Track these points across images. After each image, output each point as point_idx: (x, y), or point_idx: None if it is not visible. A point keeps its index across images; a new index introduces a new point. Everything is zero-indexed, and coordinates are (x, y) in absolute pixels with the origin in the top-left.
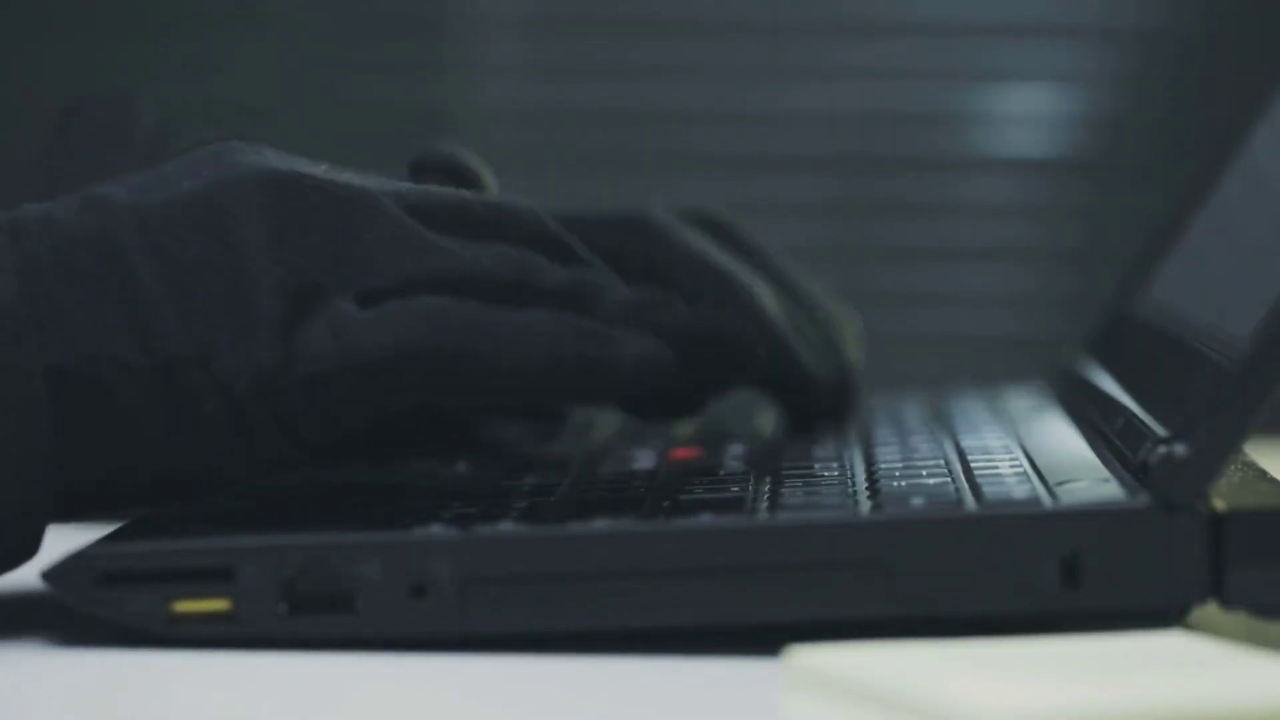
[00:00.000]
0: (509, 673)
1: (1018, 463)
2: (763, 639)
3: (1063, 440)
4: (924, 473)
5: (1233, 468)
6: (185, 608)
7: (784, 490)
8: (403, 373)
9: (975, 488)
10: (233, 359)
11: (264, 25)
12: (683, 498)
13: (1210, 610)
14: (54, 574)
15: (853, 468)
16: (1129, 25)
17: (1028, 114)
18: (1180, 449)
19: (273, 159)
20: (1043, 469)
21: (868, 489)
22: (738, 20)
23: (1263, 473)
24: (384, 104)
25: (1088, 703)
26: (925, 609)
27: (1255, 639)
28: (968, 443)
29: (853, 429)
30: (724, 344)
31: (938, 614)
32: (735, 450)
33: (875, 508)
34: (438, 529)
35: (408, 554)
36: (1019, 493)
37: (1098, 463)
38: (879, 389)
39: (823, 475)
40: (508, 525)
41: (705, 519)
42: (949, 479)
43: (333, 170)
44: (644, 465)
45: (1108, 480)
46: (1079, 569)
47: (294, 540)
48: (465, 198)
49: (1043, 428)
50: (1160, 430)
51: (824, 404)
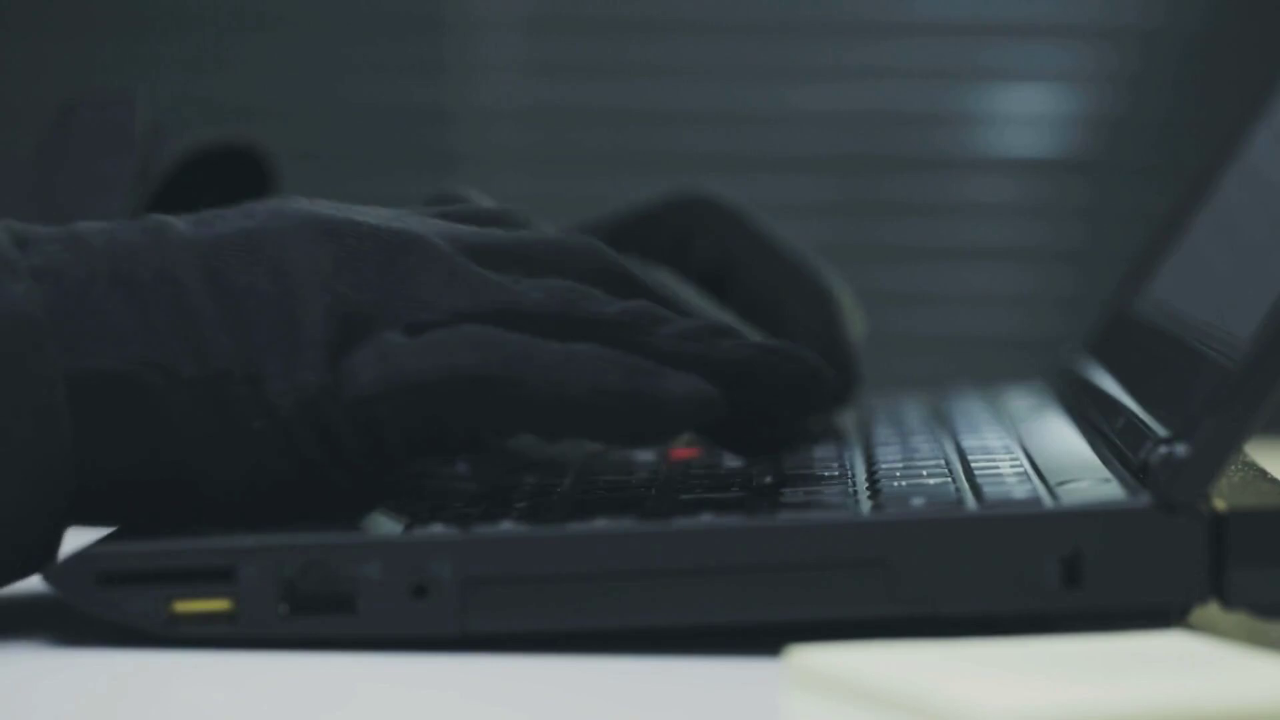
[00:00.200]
0: (509, 673)
1: (1018, 463)
2: (763, 639)
3: (1063, 440)
4: (924, 473)
5: (1233, 468)
6: (185, 608)
7: (784, 490)
8: (446, 398)
9: (975, 488)
10: (280, 379)
11: (264, 25)
12: (683, 498)
13: (1210, 610)
14: (54, 574)
15: (853, 468)
16: (1129, 25)
17: (1028, 114)
18: (1180, 449)
19: (327, 208)
20: (1043, 469)
21: (868, 489)
22: (738, 20)
23: (1263, 473)
24: (384, 104)
25: (1088, 703)
26: (925, 609)
27: (1255, 639)
28: (968, 443)
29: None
30: (784, 375)
31: (938, 614)
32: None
33: (875, 508)
34: (438, 529)
35: (408, 554)
36: (1019, 492)
37: (1098, 463)
38: (879, 389)
39: (823, 475)
40: (508, 525)
41: (705, 519)
42: (949, 479)
43: (387, 215)
44: (644, 465)
45: (1108, 480)
46: (1079, 569)
47: (294, 540)
48: (521, 236)
49: (1043, 428)
50: (1160, 430)
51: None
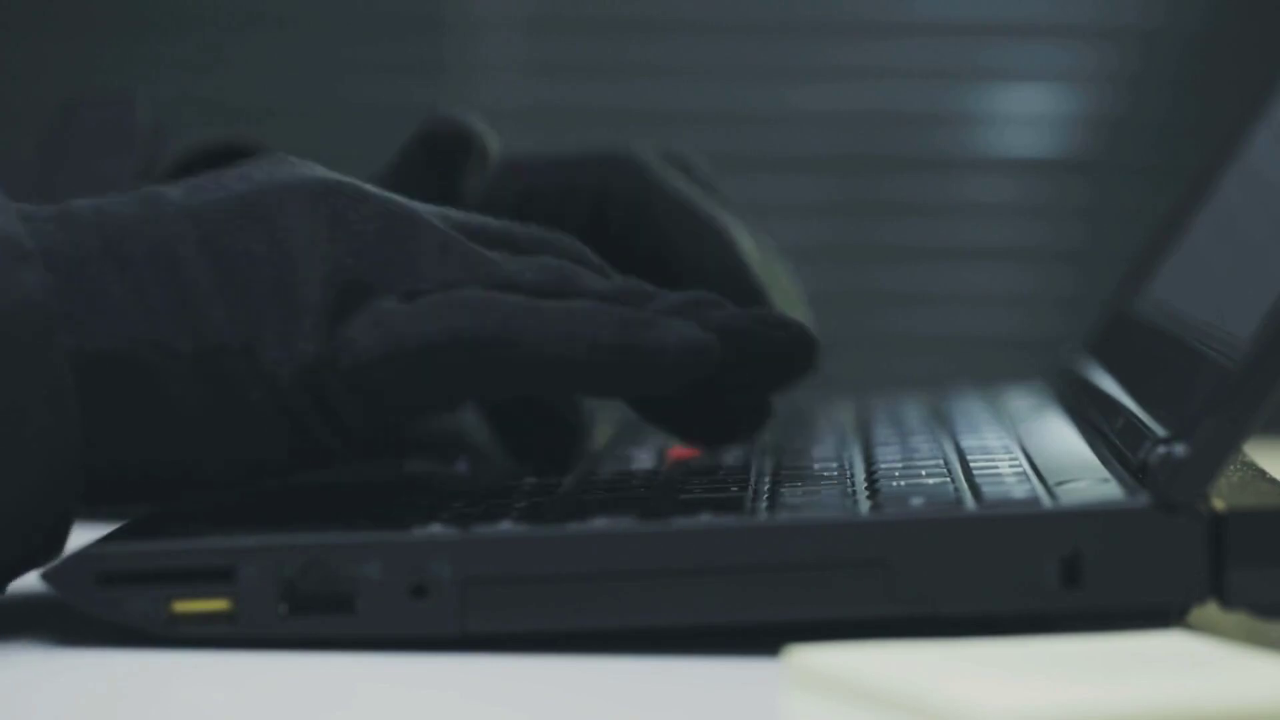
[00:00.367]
0: (509, 673)
1: (1018, 463)
2: (762, 639)
3: (1063, 440)
4: (924, 473)
5: (1233, 468)
6: (185, 608)
7: (784, 490)
8: (444, 361)
9: (975, 488)
10: (277, 350)
11: (264, 25)
12: (683, 498)
13: (1210, 610)
14: (54, 574)
15: (853, 468)
16: (1129, 25)
17: (1028, 114)
18: (1180, 449)
19: (322, 172)
20: (1043, 469)
21: (867, 489)
22: (738, 20)
23: (1263, 473)
24: (384, 104)
25: (1088, 703)
26: (925, 609)
27: (1255, 639)
28: (968, 443)
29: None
30: (773, 342)
31: (938, 614)
32: (735, 450)
33: (875, 508)
34: (438, 529)
35: (408, 554)
36: (1019, 493)
37: (1098, 463)
38: (879, 389)
39: (823, 475)
40: (508, 525)
41: (705, 519)
42: (949, 479)
43: (383, 190)
44: (644, 465)
45: (1108, 480)
46: (1079, 569)
47: (294, 540)
48: (507, 223)
49: (1043, 428)
50: (1160, 430)
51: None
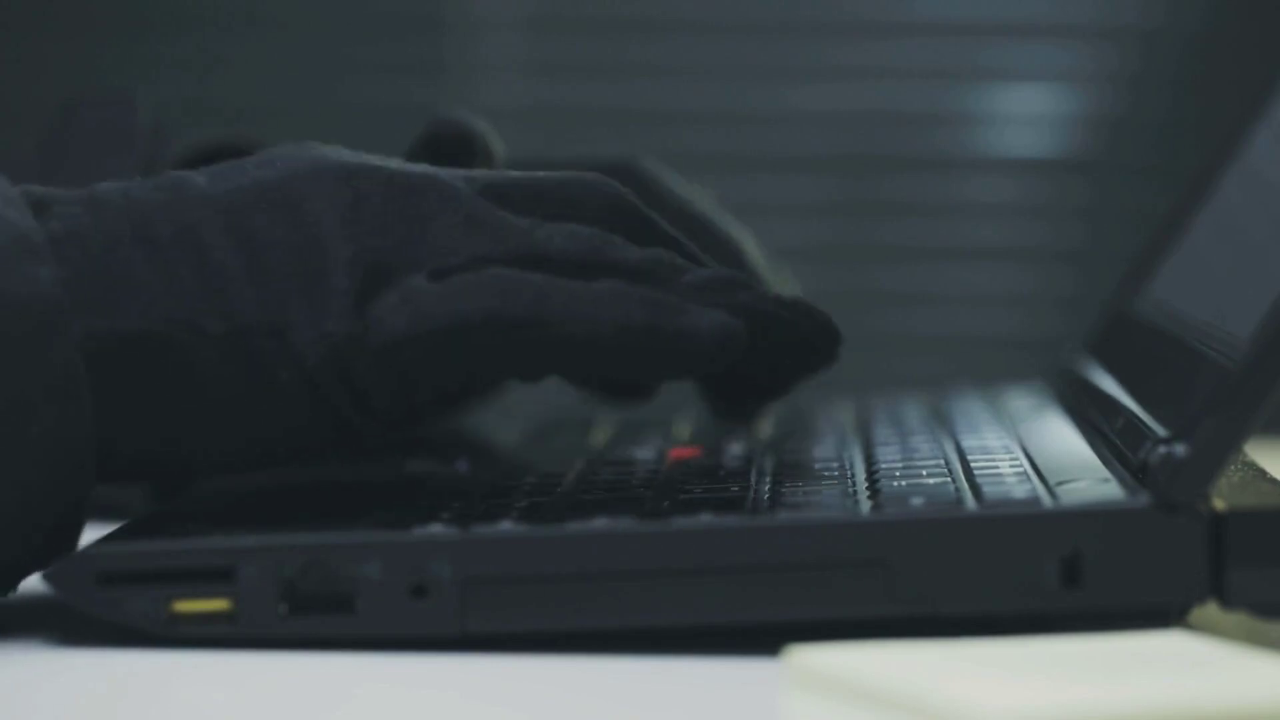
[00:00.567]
0: (509, 673)
1: (1018, 463)
2: (763, 639)
3: (1063, 440)
4: (924, 473)
5: (1233, 468)
6: (185, 608)
7: (784, 490)
8: (472, 341)
9: (975, 488)
10: (306, 330)
11: (264, 25)
12: (683, 498)
13: (1210, 610)
14: (54, 574)
15: (853, 468)
16: (1129, 25)
17: (1028, 114)
18: (1180, 449)
19: (345, 154)
20: (1043, 469)
21: (868, 489)
22: (738, 20)
23: (1263, 473)
24: (384, 104)
25: (1088, 703)
26: (925, 609)
27: (1255, 639)
28: (968, 443)
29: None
30: (799, 328)
31: (938, 614)
32: (735, 450)
33: (875, 508)
34: (438, 529)
35: (408, 554)
36: (1019, 493)
37: (1098, 463)
38: (879, 389)
39: (823, 475)
40: (508, 525)
41: (705, 519)
42: (949, 479)
43: (405, 164)
44: (644, 465)
45: (1108, 480)
46: (1079, 569)
47: (294, 540)
48: (539, 177)
49: (1043, 428)
50: (1160, 430)
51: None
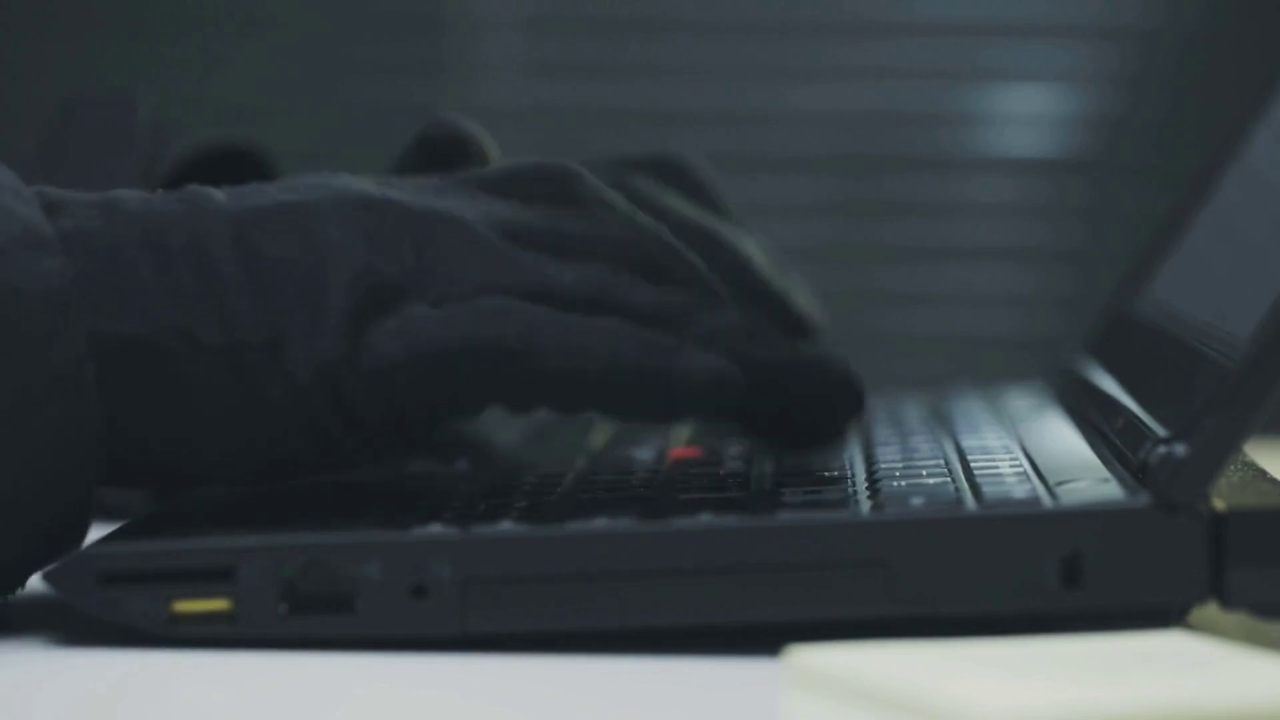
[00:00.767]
0: (509, 673)
1: (1018, 463)
2: (763, 639)
3: (1063, 440)
4: (924, 473)
5: (1233, 468)
6: (185, 608)
7: (784, 490)
8: (464, 367)
9: (975, 488)
10: (300, 348)
11: (264, 25)
12: (683, 498)
13: (1210, 610)
14: (54, 574)
15: (853, 468)
16: (1129, 25)
17: (1028, 114)
18: (1180, 449)
19: (368, 184)
20: (1043, 469)
21: (868, 489)
22: (738, 20)
23: (1263, 473)
24: (384, 104)
25: (1088, 703)
26: (925, 609)
27: (1255, 639)
28: (968, 443)
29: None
30: (814, 384)
31: (938, 614)
32: (735, 450)
33: (875, 508)
34: (438, 529)
35: (408, 554)
36: (1019, 493)
37: (1098, 463)
38: (879, 389)
39: (822, 475)
40: (508, 525)
41: (705, 519)
42: (949, 479)
43: (428, 188)
44: (644, 465)
45: (1108, 480)
46: (1079, 569)
47: (294, 540)
48: (561, 219)
49: (1043, 428)
50: (1160, 430)
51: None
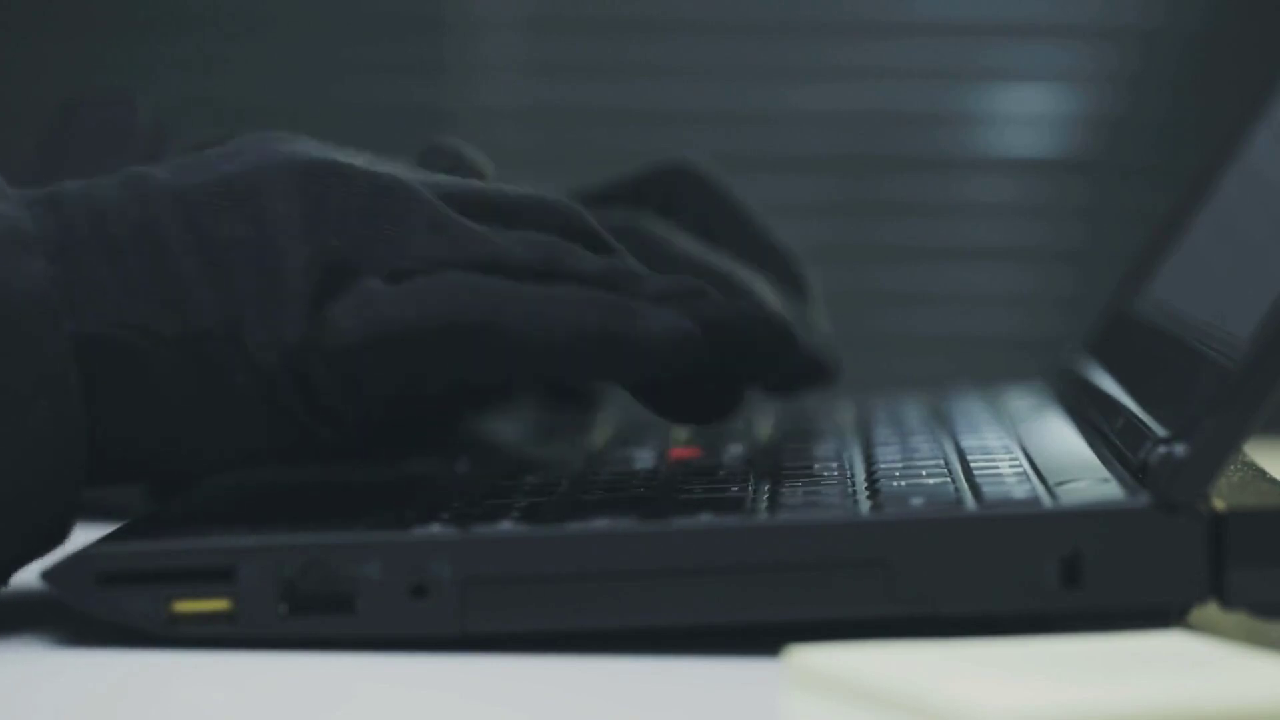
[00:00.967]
0: (509, 673)
1: (1018, 463)
2: (763, 639)
3: (1063, 440)
4: (924, 473)
5: (1233, 468)
6: (185, 608)
7: (784, 490)
8: (427, 345)
9: (975, 488)
10: (261, 333)
11: (264, 25)
12: (683, 498)
13: (1210, 610)
14: (54, 574)
15: (853, 468)
16: (1129, 25)
17: (1028, 114)
18: (1180, 449)
19: (311, 149)
20: (1043, 469)
21: (868, 489)
22: (738, 20)
23: (1263, 473)
24: (384, 104)
25: (1088, 703)
26: (925, 609)
27: (1255, 639)
28: (968, 443)
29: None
30: (756, 334)
31: (938, 614)
32: (735, 450)
33: (875, 508)
34: (438, 529)
35: (408, 554)
36: (1019, 493)
37: (1098, 463)
38: (879, 389)
39: (823, 475)
40: (508, 525)
41: (705, 519)
42: (949, 479)
43: (371, 161)
44: (644, 465)
45: (1108, 480)
46: (1079, 569)
47: (294, 540)
48: (502, 189)
49: (1043, 428)
50: (1160, 430)
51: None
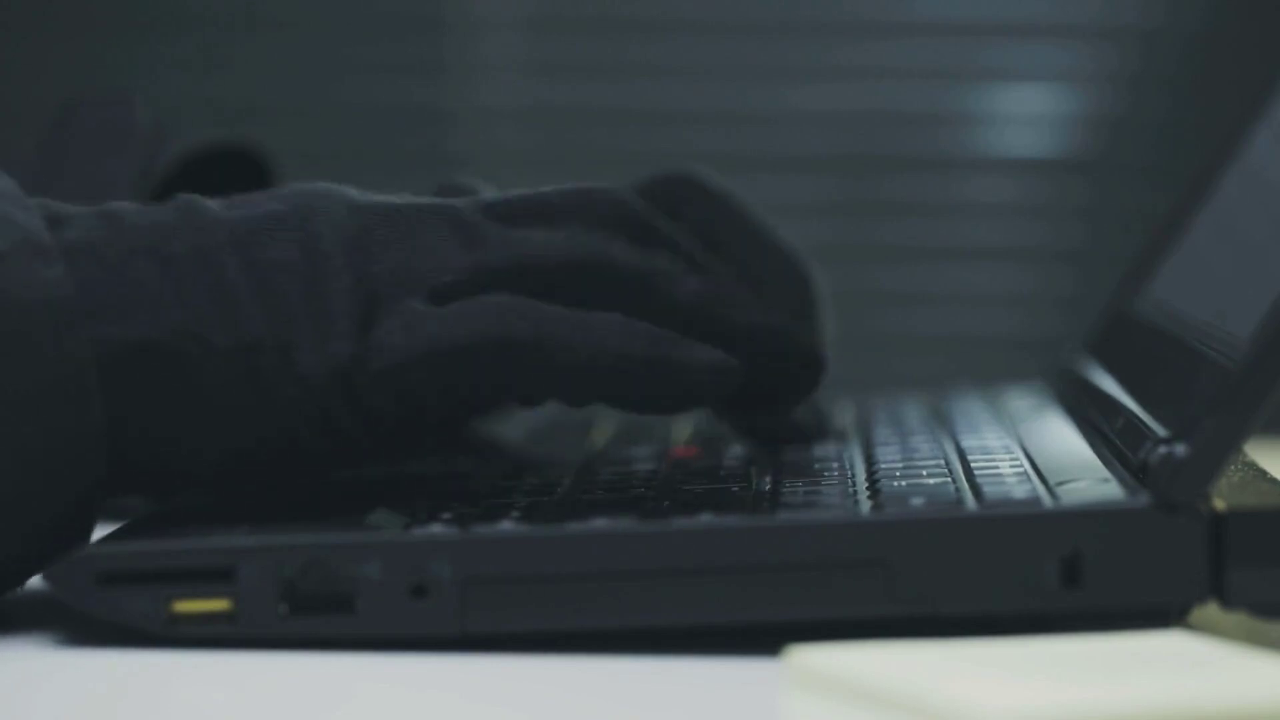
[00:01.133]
0: (509, 673)
1: (1018, 463)
2: (763, 639)
3: (1063, 440)
4: (924, 473)
5: (1233, 468)
6: (185, 608)
7: (784, 490)
8: (473, 364)
9: (975, 488)
10: (311, 350)
11: (264, 25)
12: (683, 498)
13: (1210, 610)
14: (54, 574)
15: (853, 468)
16: (1129, 25)
17: (1028, 114)
18: (1180, 449)
19: (353, 192)
20: (1043, 469)
21: (868, 489)
22: (738, 20)
23: (1263, 473)
24: (384, 104)
25: (1088, 703)
26: (925, 609)
27: (1255, 639)
28: (968, 443)
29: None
30: (793, 348)
31: (938, 614)
32: (735, 450)
33: (875, 508)
34: (438, 529)
35: (408, 554)
36: (1019, 493)
37: (1098, 463)
38: (879, 389)
39: (823, 475)
40: (508, 525)
41: (705, 519)
42: (949, 479)
43: (408, 199)
44: (644, 465)
45: (1108, 480)
46: (1079, 569)
47: (294, 540)
48: (540, 191)
49: (1043, 428)
50: (1160, 430)
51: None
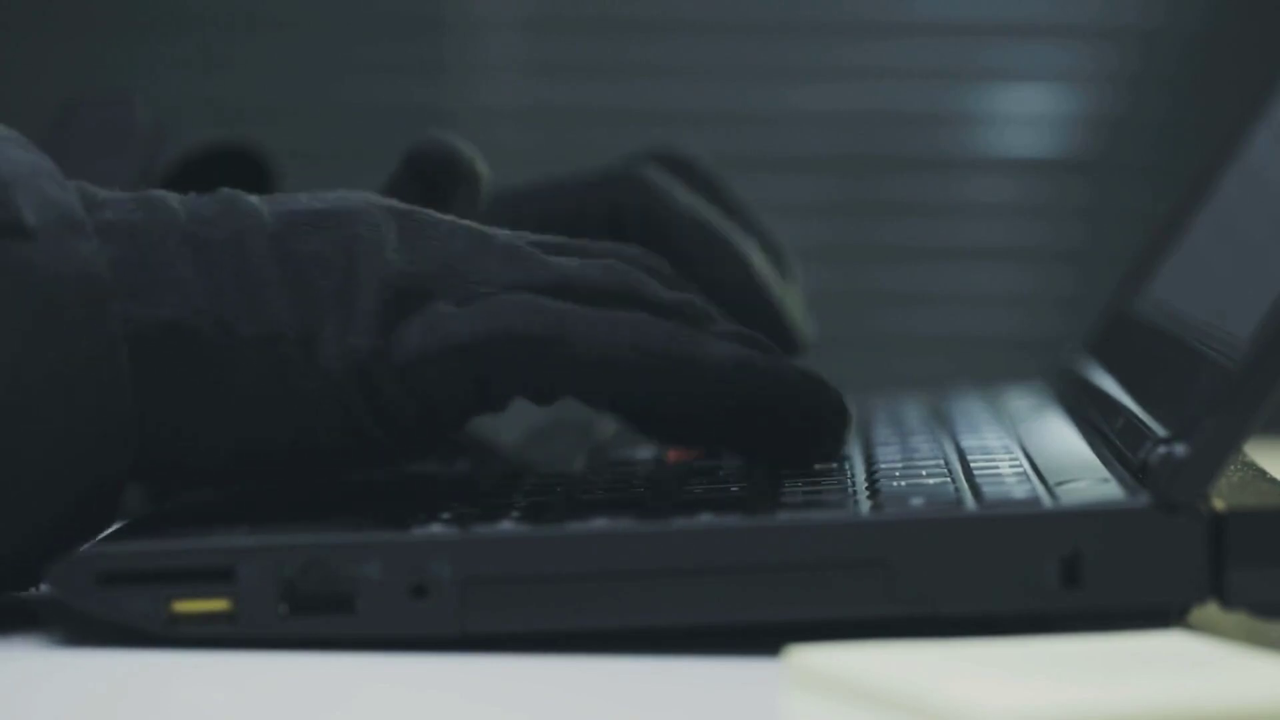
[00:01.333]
0: (509, 673)
1: (1018, 463)
2: (763, 639)
3: (1063, 440)
4: (924, 473)
5: (1233, 468)
6: (185, 608)
7: (784, 490)
8: (492, 359)
9: (975, 488)
10: (332, 342)
11: (264, 25)
12: (683, 498)
13: (1210, 610)
14: (54, 574)
15: (853, 468)
16: (1129, 25)
17: (1028, 114)
18: (1180, 449)
19: (396, 203)
20: (1043, 469)
21: (868, 489)
22: (738, 20)
23: (1263, 473)
24: (384, 104)
25: (1088, 703)
26: (925, 609)
27: (1255, 639)
28: (968, 443)
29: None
30: (810, 404)
31: (938, 614)
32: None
33: (875, 508)
34: (438, 529)
35: (408, 554)
36: (1019, 493)
37: (1098, 463)
38: (879, 389)
39: (823, 475)
40: (508, 525)
41: (705, 519)
42: (949, 479)
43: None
44: (644, 465)
45: (1108, 480)
46: (1079, 569)
47: (294, 540)
48: (586, 242)
49: (1043, 428)
50: (1160, 430)
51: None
